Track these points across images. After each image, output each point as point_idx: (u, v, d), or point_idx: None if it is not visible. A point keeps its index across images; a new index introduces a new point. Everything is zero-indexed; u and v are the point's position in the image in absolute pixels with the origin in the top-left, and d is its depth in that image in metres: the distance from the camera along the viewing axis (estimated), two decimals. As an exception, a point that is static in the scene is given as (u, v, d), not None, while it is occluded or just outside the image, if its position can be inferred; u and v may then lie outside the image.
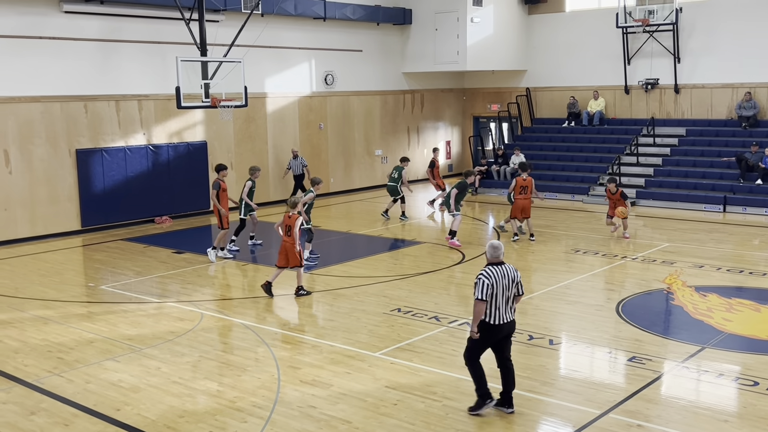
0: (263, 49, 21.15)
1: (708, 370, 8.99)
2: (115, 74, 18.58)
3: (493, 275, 7.63)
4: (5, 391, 8.64)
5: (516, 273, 7.83)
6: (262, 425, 7.64)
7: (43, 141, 17.49)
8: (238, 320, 11.27)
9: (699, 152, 22.62)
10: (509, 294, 7.72)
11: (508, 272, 7.72)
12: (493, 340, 7.78)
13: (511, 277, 7.73)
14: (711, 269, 13.80)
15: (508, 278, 7.70)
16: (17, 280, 13.89)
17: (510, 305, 7.74)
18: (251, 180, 15.78)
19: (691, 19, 23.24)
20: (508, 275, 7.71)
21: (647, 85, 24.30)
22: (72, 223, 18.14)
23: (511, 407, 7.84)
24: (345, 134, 24.63)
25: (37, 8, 17.14)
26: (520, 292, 7.87)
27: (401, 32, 26.02)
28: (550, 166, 24.51)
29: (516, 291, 7.81)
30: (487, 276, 7.61)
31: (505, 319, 7.70)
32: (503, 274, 7.68)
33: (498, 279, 7.63)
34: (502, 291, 7.64)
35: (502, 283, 7.64)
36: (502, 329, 7.72)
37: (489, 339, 7.76)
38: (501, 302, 7.65)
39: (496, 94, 27.95)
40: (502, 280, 7.64)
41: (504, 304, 7.67)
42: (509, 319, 7.74)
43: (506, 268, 7.74)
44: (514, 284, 7.76)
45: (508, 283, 7.69)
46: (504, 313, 7.68)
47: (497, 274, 7.65)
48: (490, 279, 7.59)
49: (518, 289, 7.84)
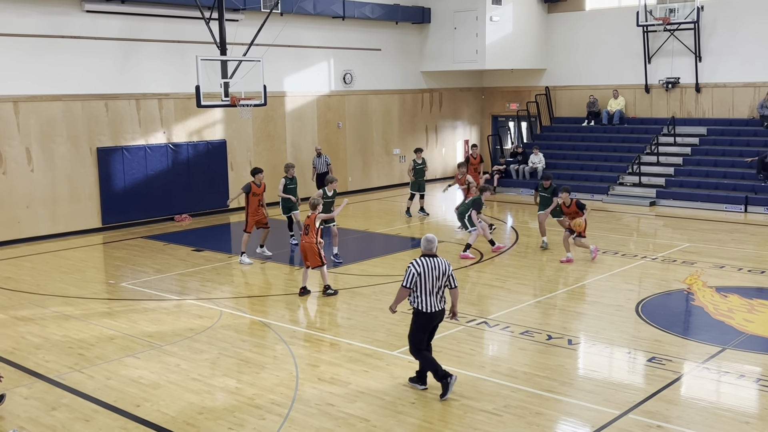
0: (282, 48, 21.21)
1: (729, 371, 8.91)
2: (135, 73, 18.72)
3: (421, 266, 8.12)
4: (27, 387, 8.73)
5: (448, 267, 8.25)
6: (281, 422, 7.67)
7: (64, 139, 17.65)
8: (257, 318, 11.31)
9: (720, 152, 22.42)
10: (439, 285, 8.17)
11: (439, 265, 8.17)
12: (427, 327, 8.33)
13: (441, 269, 8.16)
14: (732, 270, 13.68)
15: (438, 270, 8.14)
16: (39, 277, 14.03)
17: (440, 295, 8.22)
18: (284, 177, 15.89)
19: (712, 17, 23.04)
20: (438, 267, 8.15)
21: (668, 84, 24.12)
22: (93, 221, 18.30)
23: (424, 384, 8.39)
24: (363, 133, 24.65)
25: (58, 8, 17.29)
26: (452, 285, 8.30)
27: (420, 31, 26.00)
28: (569, 165, 24.39)
29: (447, 283, 8.24)
30: (416, 266, 8.13)
31: (436, 307, 8.21)
32: (433, 266, 8.13)
33: (427, 270, 8.10)
34: (431, 281, 8.12)
35: (432, 275, 8.10)
36: (434, 316, 8.25)
37: (425, 326, 8.30)
38: (430, 292, 8.14)
39: (515, 93, 27.85)
40: (431, 272, 8.10)
41: (433, 294, 8.16)
42: (439, 308, 8.24)
43: (438, 261, 8.19)
44: (444, 277, 8.17)
45: (438, 274, 8.13)
46: (434, 302, 8.18)
47: (426, 265, 8.12)
48: (418, 269, 8.10)
49: (449, 281, 8.26)
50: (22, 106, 16.92)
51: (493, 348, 10.15)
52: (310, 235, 12.17)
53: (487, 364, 9.36)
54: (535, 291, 12.50)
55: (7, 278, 13.96)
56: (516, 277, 13.50)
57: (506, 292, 12.48)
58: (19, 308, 11.97)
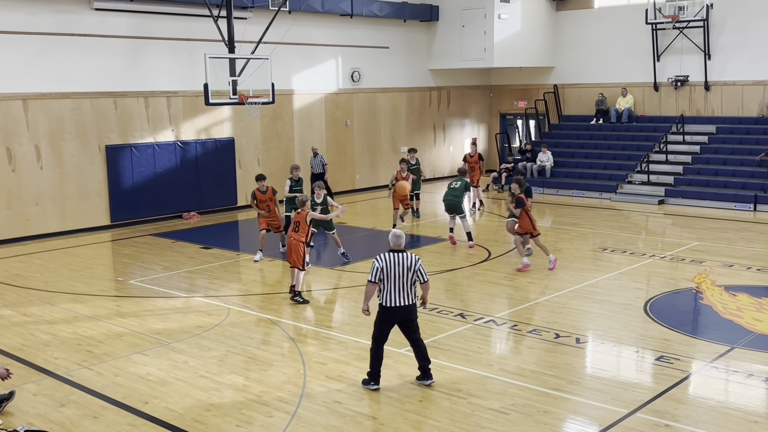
0: (290, 45, 21.22)
1: (737, 370, 8.88)
2: (144, 71, 18.76)
3: (385, 260, 8.11)
4: (36, 383, 8.77)
5: (414, 262, 8.18)
6: (288, 420, 7.69)
7: (73, 137, 17.71)
8: (265, 315, 11.33)
9: (729, 150, 22.32)
10: (405, 280, 8.11)
11: (404, 260, 8.13)
12: (390, 322, 8.26)
13: (407, 265, 8.12)
14: (741, 269, 13.63)
15: (403, 266, 8.10)
16: (47, 274, 14.09)
17: (407, 291, 8.14)
18: (289, 179, 15.73)
19: (721, 15, 22.93)
20: (404, 263, 8.11)
21: (677, 82, 24.02)
22: (101, 219, 18.36)
23: (430, 378, 8.40)
24: (371, 131, 24.65)
25: (68, 6, 17.34)
26: (422, 280, 8.25)
27: (428, 29, 25.98)
28: (577, 163, 24.33)
29: (417, 278, 8.20)
30: (379, 260, 8.13)
31: (400, 302, 8.14)
32: (399, 261, 8.10)
33: (391, 265, 8.09)
34: (396, 276, 8.08)
35: (396, 270, 8.08)
36: (395, 312, 8.17)
37: (385, 320, 8.26)
38: (394, 287, 8.10)
39: (523, 91, 27.80)
40: (396, 267, 8.08)
41: (398, 289, 8.11)
42: (405, 303, 8.16)
43: (404, 256, 8.16)
44: (411, 272, 8.12)
45: (404, 270, 8.08)
46: (398, 297, 8.13)
47: (391, 260, 8.11)
48: (381, 263, 8.11)
49: (419, 276, 8.21)
50: (32, 104, 16.98)
51: (501, 346, 10.14)
52: (299, 233, 11.85)
53: (495, 362, 9.35)
54: (543, 289, 12.47)
55: (16, 275, 14.02)
56: (524, 275, 13.47)
57: (514, 291, 12.47)
58: (28, 305, 12.02)
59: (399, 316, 8.24)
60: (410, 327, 8.39)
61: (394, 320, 8.29)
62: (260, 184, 14.89)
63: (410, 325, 8.38)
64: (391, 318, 8.26)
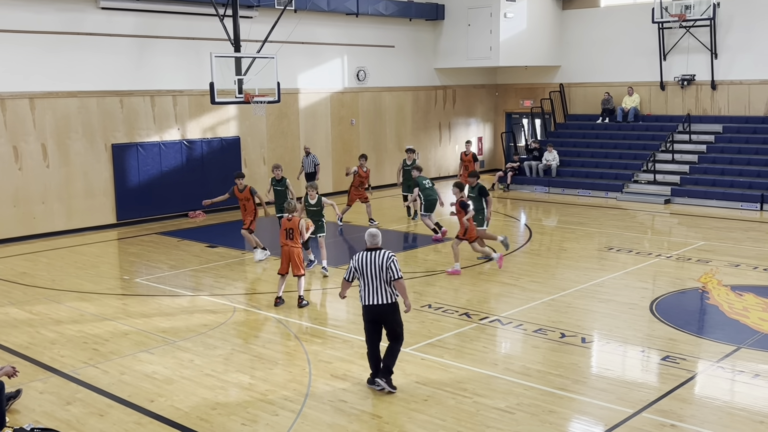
0: (296, 44, 21.24)
1: (743, 370, 8.86)
2: (150, 70, 18.80)
3: (360, 259, 8.16)
4: (42, 381, 8.80)
5: (385, 260, 8.10)
6: (293, 418, 7.69)
7: (79, 135, 17.75)
8: (270, 314, 11.34)
9: (736, 149, 22.26)
10: (381, 279, 8.08)
11: (376, 258, 8.11)
12: (371, 320, 8.20)
13: (379, 264, 8.08)
14: (747, 268, 13.59)
15: (376, 265, 8.09)
16: (54, 273, 14.13)
17: (384, 289, 8.09)
18: (271, 178, 15.61)
19: (728, 14, 22.86)
20: (376, 261, 8.10)
21: (683, 81, 23.96)
22: (107, 217, 18.40)
23: (380, 380, 8.22)
24: (376, 130, 24.65)
25: (74, 4, 17.39)
26: (394, 277, 8.11)
27: (433, 28, 25.96)
28: (583, 163, 24.29)
29: (391, 275, 8.08)
30: (354, 260, 8.21)
31: (374, 301, 8.10)
32: (373, 260, 8.10)
33: (365, 263, 8.11)
34: (371, 275, 8.09)
35: (371, 268, 8.08)
36: (371, 310, 8.14)
37: (365, 317, 8.25)
38: (370, 285, 8.10)
39: (529, 90, 27.76)
40: (371, 265, 8.09)
41: (373, 287, 8.10)
42: (380, 302, 8.10)
43: (377, 254, 8.14)
44: (384, 270, 8.06)
45: (377, 268, 8.07)
46: (373, 295, 8.10)
47: (365, 259, 8.13)
48: (356, 263, 8.18)
49: (391, 273, 8.09)
50: (38, 103, 17.03)
51: (506, 346, 10.14)
52: (295, 240, 11.55)
53: (500, 361, 9.35)
54: (549, 289, 12.45)
55: (22, 273, 14.06)
56: (529, 274, 13.46)
57: (519, 290, 12.45)
58: (35, 303, 12.06)
59: (377, 314, 8.16)
60: (387, 328, 8.25)
61: (375, 318, 8.20)
62: (238, 182, 14.62)
63: (388, 326, 8.24)
64: (370, 316, 8.21)
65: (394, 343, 8.30)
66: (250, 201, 14.69)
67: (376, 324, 8.25)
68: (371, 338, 8.30)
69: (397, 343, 8.30)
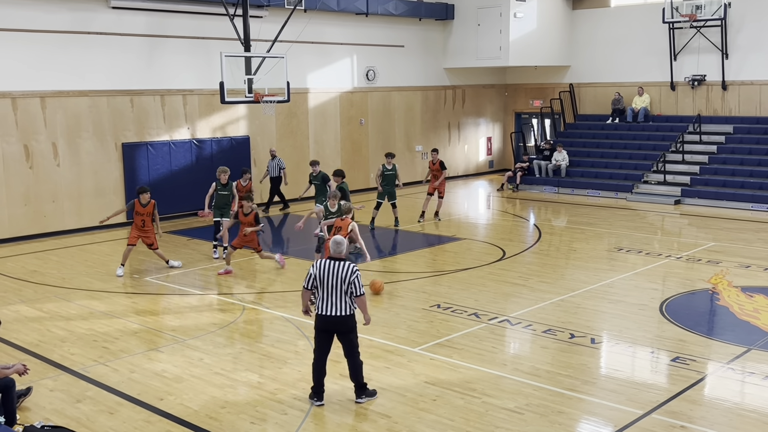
0: (306, 44, 21.26)
1: (754, 371, 8.82)
2: (160, 69, 18.85)
3: (319, 267, 7.88)
4: (52, 379, 8.84)
5: (349, 273, 7.81)
6: (302, 417, 7.71)
7: (90, 134, 17.82)
8: (279, 313, 11.36)
9: (747, 150, 22.15)
10: (340, 290, 7.80)
11: (339, 270, 7.81)
12: (324, 330, 7.93)
13: (342, 275, 7.79)
14: (758, 269, 13.52)
15: (338, 275, 7.80)
16: (64, 271, 14.19)
17: (342, 301, 7.81)
18: (215, 181, 14.91)
19: (739, 14, 22.75)
20: (338, 273, 7.80)
21: (694, 81, 23.86)
22: (118, 216, 18.41)
23: (363, 396, 8.05)
24: (385, 130, 24.65)
25: (85, 4, 17.46)
26: (356, 293, 7.85)
27: (443, 28, 25.94)
28: (593, 163, 24.23)
29: (352, 290, 7.83)
30: (314, 268, 7.93)
31: (332, 312, 7.82)
32: (334, 270, 7.81)
33: (325, 272, 7.82)
34: (331, 285, 7.80)
35: (331, 279, 7.80)
36: (325, 320, 7.86)
37: (318, 327, 7.95)
38: (327, 295, 7.83)
39: (539, 89, 27.70)
40: (331, 276, 7.80)
41: (332, 298, 7.81)
42: (337, 313, 7.81)
43: (340, 266, 7.84)
44: (346, 284, 7.79)
45: (338, 280, 7.79)
46: (330, 306, 7.82)
47: (325, 268, 7.84)
48: (314, 271, 7.90)
49: (353, 289, 7.83)
50: (49, 102, 17.11)
51: (515, 346, 10.12)
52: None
53: (509, 362, 9.33)
54: (558, 289, 12.43)
55: (33, 272, 14.13)
56: (538, 275, 13.44)
57: (529, 291, 12.43)
58: (45, 301, 12.12)
59: (332, 325, 7.87)
60: (344, 340, 7.98)
61: (330, 329, 7.90)
62: (142, 196, 13.76)
63: (343, 338, 7.97)
64: (323, 326, 7.90)
65: (354, 359, 8.03)
66: (152, 217, 13.92)
67: (329, 334, 7.95)
68: (321, 349, 8.00)
69: (356, 357, 8.04)
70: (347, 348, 8.02)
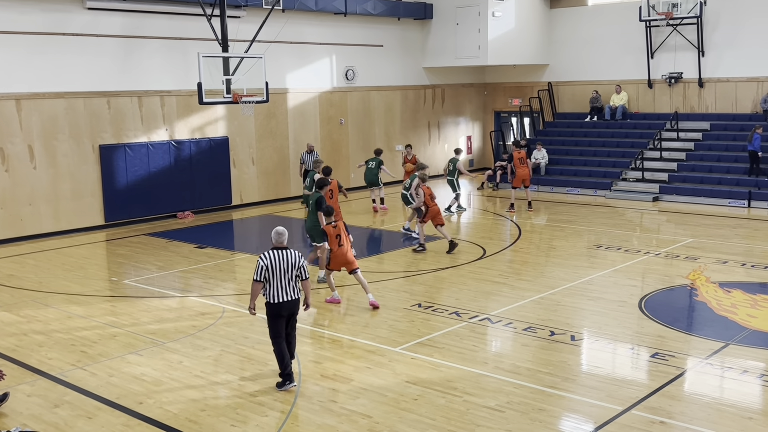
0: (284, 44, 21.18)
1: (732, 366, 8.90)
2: (137, 70, 18.70)
3: (269, 258, 8.33)
4: (30, 384, 8.74)
5: (298, 259, 8.46)
6: (283, 419, 7.67)
7: (66, 137, 17.65)
8: (259, 315, 11.28)
9: (723, 147, 22.36)
10: (290, 276, 8.39)
11: (288, 257, 8.40)
12: (280, 315, 8.44)
13: (291, 261, 8.40)
14: (735, 265, 13.65)
15: (287, 262, 8.37)
16: (41, 275, 14.04)
17: (292, 286, 8.42)
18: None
19: (715, 12, 22.96)
20: (288, 259, 8.38)
21: (671, 79, 24.05)
22: (95, 218, 18.30)
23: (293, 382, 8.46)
24: (365, 129, 24.63)
25: (60, 5, 17.28)
26: (303, 277, 8.52)
27: (422, 27, 25.96)
28: (572, 161, 24.35)
29: (299, 275, 8.47)
30: (263, 259, 8.34)
31: (287, 297, 8.39)
32: (283, 258, 8.36)
33: (275, 262, 8.32)
34: (281, 273, 8.34)
35: (281, 266, 8.34)
36: (283, 306, 8.40)
37: (276, 316, 8.44)
38: (280, 283, 8.34)
39: (518, 88, 27.81)
40: (281, 264, 8.33)
41: (283, 285, 8.36)
42: (291, 297, 8.42)
43: (287, 253, 8.42)
44: (295, 269, 8.42)
45: (288, 266, 8.37)
46: (284, 292, 8.37)
47: (275, 258, 8.34)
48: (266, 261, 8.31)
49: (301, 273, 8.49)
50: (24, 104, 16.92)
51: (496, 344, 10.14)
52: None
53: (490, 360, 9.35)
54: (538, 287, 12.47)
55: (9, 276, 13.97)
56: (518, 273, 13.48)
57: (509, 289, 12.46)
58: (22, 306, 11.98)
59: (286, 310, 8.43)
60: (291, 321, 8.63)
61: (283, 314, 8.44)
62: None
63: (291, 320, 8.63)
64: (279, 311, 8.41)
65: (290, 337, 8.71)
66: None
67: (284, 319, 8.50)
68: (281, 334, 8.50)
69: (294, 336, 8.78)
70: (292, 326, 8.69)
